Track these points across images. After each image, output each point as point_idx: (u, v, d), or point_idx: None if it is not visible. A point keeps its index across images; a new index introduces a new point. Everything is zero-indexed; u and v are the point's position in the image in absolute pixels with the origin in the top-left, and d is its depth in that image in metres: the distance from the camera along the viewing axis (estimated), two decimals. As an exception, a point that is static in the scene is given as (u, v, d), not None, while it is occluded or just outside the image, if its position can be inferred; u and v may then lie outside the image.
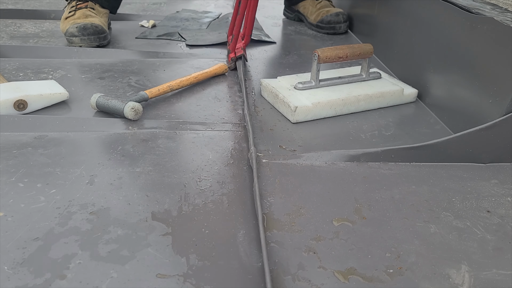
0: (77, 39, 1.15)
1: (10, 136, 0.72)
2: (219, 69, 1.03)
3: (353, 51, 0.89)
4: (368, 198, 0.61)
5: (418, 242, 0.53)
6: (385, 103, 0.91)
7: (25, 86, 0.82)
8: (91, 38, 1.15)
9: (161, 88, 0.87)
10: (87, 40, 1.15)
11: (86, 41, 1.15)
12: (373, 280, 0.47)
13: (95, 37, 1.16)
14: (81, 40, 1.15)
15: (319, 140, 0.77)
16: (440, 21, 0.88)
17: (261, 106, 0.90)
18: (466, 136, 0.69)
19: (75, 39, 1.15)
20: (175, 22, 1.50)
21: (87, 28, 1.15)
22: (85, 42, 1.15)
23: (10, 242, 0.50)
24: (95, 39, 1.16)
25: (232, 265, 0.48)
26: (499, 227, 0.57)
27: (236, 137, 0.76)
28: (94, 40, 1.16)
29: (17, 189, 0.59)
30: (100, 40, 1.17)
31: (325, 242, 0.52)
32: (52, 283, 0.45)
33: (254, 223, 0.55)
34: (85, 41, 1.15)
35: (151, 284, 0.45)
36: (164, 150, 0.70)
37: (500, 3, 0.88)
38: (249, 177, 0.65)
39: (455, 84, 0.82)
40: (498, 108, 0.70)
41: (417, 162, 0.71)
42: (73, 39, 1.15)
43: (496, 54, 0.71)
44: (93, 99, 0.80)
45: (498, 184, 0.66)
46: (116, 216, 0.55)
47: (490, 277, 0.48)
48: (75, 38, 1.15)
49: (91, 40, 1.15)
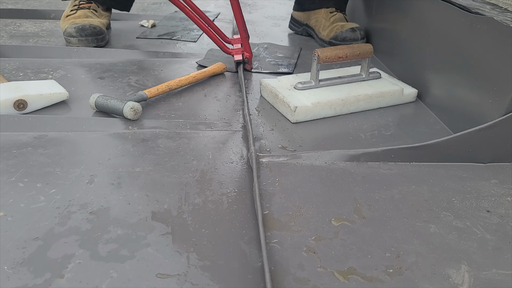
0: (74, 40, 1.14)
1: (10, 136, 0.72)
2: (217, 68, 1.03)
3: (353, 51, 0.89)
4: (368, 198, 0.61)
5: (418, 242, 0.53)
6: (385, 103, 0.91)
7: (25, 86, 0.82)
8: (89, 39, 1.15)
9: (160, 88, 0.87)
10: (84, 41, 1.14)
11: (83, 42, 1.15)
12: (373, 280, 0.47)
13: (93, 38, 1.15)
14: (79, 41, 1.14)
15: (319, 140, 0.77)
16: (440, 21, 0.88)
17: (261, 106, 0.90)
18: (466, 136, 0.69)
19: (73, 40, 1.15)
20: (175, 22, 1.50)
21: (85, 29, 1.14)
22: (83, 43, 1.15)
23: (10, 242, 0.50)
24: (93, 40, 1.15)
25: (232, 265, 0.48)
26: (499, 227, 0.57)
27: (236, 137, 0.76)
28: (92, 41, 1.15)
29: (17, 189, 0.59)
30: (98, 41, 1.16)
31: (325, 242, 0.53)
32: (52, 283, 0.45)
33: (254, 223, 0.55)
34: (83, 42, 1.15)
35: (151, 284, 0.45)
36: (164, 150, 0.70)
37: (500, 3, 0.88)
38: (249, 177, 0.65)
39: (455, 84, 0.82)
40: (498, 108, 0.70)
41: (417, 162, 0.71)
42: (71, 40, 1.15)
43: (496, 54, 0.71)
44: (92, 99, 0.80)
45: (498, 184, 0.66)
46: (116, 216, 0.55)
47: (490, 277, 0.48)
48: (73, 39, 1.14)
49: (89, 41, 1.15)
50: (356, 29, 1.23)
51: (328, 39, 1.27)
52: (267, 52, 1.22)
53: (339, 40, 1.23)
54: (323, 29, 1.30)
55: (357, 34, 1.22)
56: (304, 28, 1.41)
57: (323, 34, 1.30)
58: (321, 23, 1.32)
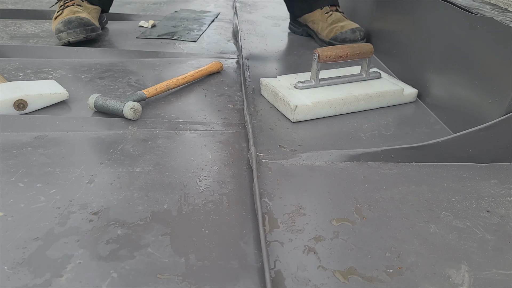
0: (63, 34, 1.13)
1: (10, 136, 0.72)
2: (214, 66, 1.03)
3: (353, 50, 0.89)
4: (368, 198, 0.61)
5: (418, 242, 0.53)
6: (385, 102, 0.91)
7: (25, 86, 0.82)
8: (77, 30, 1.12)
9: (159, 87, 0.87)
10: (73, 33, 1.12)
11: (72, 34, 1.12)
12: (373, 280, 0.47)
13: (81, 29, 1.13)
14: (68, 34, 1.12)
15: (319, 140, 0.77)
16: (440, 21, 0.88)
17: (261, 106, 0.89)
18: (466, 136, 0.69)
19: (62, 34, 1.13)
20: (175, 22, 1.50)
21: (72, 21, 1.12)
22: (72, 36, 1.12)
23: (10, 242, 0.50)
24: (81, 31, 1.13)
25: (232, 265, 0.48)
26: (499, 227, 0.57)
27: (236, 137, 0.76)
28: (81, 32, 1.13)
29: (17, 189, 0.59)
30: (87, 32, 1.14)
31: (325, 242, 0.52)
32: (52, 283, 0.45)
33: (254, 223, 0.55)
34: (72, 34, 1.12)
35: (151, 284, 0.45)
36: (164, 150, 0.70)
37: (500, 3, 0.88)
38: (249, 177, 0.65)
39: (455, 84, 0.82)
40: (498, 108, 0.70)
41: (417, 162, 0.71)
42: (60, 35, 1.13)
43: (496, 54, 0.71)
44: (91, 99, 0.80)
45: (498, 184, 0.66)
46: (116, 216, 0.55)
47: (490, 277, 0.48)
48: (62, 34, 1.13)
49: (77, 32, 1.12)
50: (356, 29, 1.22)
51: (328, 40, 1.26)
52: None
53: (338, 41, 1.23)
54: (321, 30, 1.30)
55: (357, 35, 1.22)
56: (304, 29, 1.41)
57: (322, 35, 1.29)
58: (319, 25, 1.31)
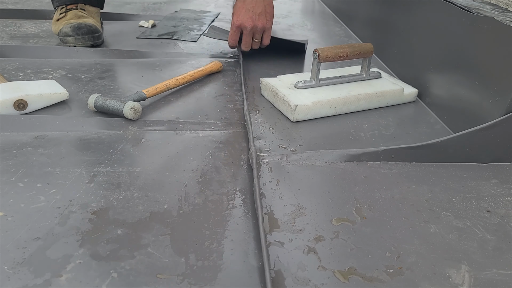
0: (71, 39, 1.14)
1: (10, 136, 0.72)
2: (214, 66, 1.03)
3: (354, 50, 0.89)
4: (368, 197, 0.61)
5: (418, 242, 0.53)
6: (385, 102, 0.91)
7: (25, 86, 0.82)
8: (85, 37, 1.14)
9: (158, 87, 0.87)
10: (81, 39, 1.14)
11: (80, 41, 1.14)
12: (373, 280, 0.47)
13: (89, 36, 1.14)
14: (76, 40, 1.14)
15: (319, 140, 0.77)
16: (440, 20, 0.88)
17: (261, 105, 0.89)
18: (466, 136, 0.69)
19: (69, 39, 1.14)
20: (175, 22, 1.50)
21: (81, 27, 1.14)
22: (79, 42, 1.14)
23: (10, 242, 0.50)
24: (90, 38, 1.15)
25: (232, 265, 0.48)
26: (499, 227, 0.57)
27: (236, 137, 0.76)
28: (89, 39, 1.15)
29: (17, 189, 0.59)
30: (94, 40, 1.16)
31: (325, 242, 0.52)
32: (52, 283, 0.44)
33: (254, 223, 0.55)
34: (79, 40, 1.14)
35: (151, 284, 0.45)
36: (164, 150, 0.70)
37: (500, 3, 0.88)
38: (249, 177, 0.65)
39: (455, 84, 0.82)
40: (498, 108, 0.70)
41: (417, 161, 0.71)
42: (67, 39, 1.14)
43: (496, 54, 0.71)
44: (90, 100, 0.80)
45: (498, 184, 0.66)
46: (116, 216, 0.55)
47: (490, 277, 0.48)
48: (69, 38, 1.14)
49: (85, 39, 1.14)
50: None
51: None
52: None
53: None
54: None
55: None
56: None
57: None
58: None
